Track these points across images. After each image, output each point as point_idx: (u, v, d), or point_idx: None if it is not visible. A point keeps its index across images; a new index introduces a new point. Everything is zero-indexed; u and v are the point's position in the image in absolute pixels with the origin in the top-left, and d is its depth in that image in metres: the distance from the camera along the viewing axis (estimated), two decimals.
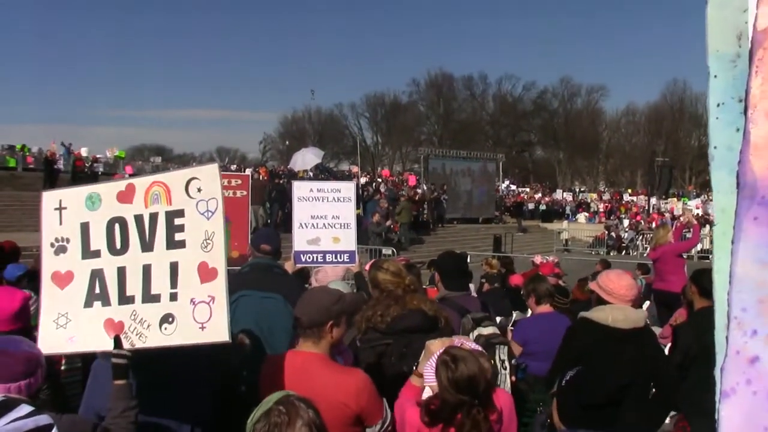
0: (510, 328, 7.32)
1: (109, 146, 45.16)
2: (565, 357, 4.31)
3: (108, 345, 3.12)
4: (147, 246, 3.16)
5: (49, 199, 3.44)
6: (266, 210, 23.82)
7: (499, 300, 9.14)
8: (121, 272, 3.22)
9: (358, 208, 17.49)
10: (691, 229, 11.65)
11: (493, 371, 3.34)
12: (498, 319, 8.22)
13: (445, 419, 3.06)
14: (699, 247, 25.48)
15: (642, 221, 39.14)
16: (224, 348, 3.19)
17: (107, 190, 3.32)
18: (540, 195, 48.80)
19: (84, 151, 38.20)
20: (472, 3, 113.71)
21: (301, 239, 6.23)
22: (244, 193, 7.28)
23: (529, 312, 6.65)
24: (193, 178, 3.06)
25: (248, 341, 3.92)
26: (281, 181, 27.31)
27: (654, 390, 4.16)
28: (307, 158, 29.07)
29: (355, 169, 42.55)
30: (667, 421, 5.75)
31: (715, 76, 1.18)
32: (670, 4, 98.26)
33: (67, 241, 3.35)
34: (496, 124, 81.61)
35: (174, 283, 3.07)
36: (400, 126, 79.89)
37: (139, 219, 3.19)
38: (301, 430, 2.24)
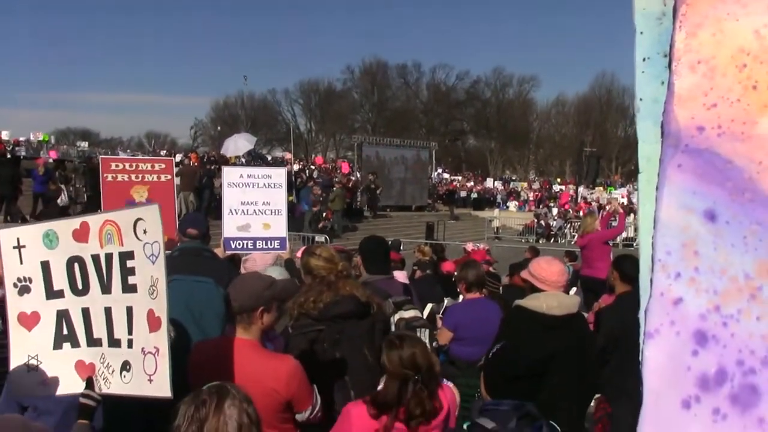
0: (439, 315, 7.43)
1: (33, 129, 43.68)
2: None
3: (80, 387, 3.05)
4: (106, 288, 3.04)
5: (6, 237, 3.28)
6: (197, 196, 23.43)
7: (431, 287, 9.25)
8: (86, 313, 3.12)
9: (290, 194, 17.38)
10: (617, 218, 12.01)
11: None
12: (429, 305, 8.32)
13: (389, 404, 3.11)
14: (624, 234, 26.29)
15: (570, 210, 40.09)
16: None
17: (63, 227, 3.17)
18: (472, 183, 49.44)
19: (5, 135, 36.76)
20: None
21: (230, 225, 6.16)
22: (169, 177, 7.18)
23: (461, 298, 6.73)
24: (139, 219, 2.91)
25: (172, 329, 3.84)
26: (212, 167, 26.87)
27: (582, 373, 4.28)
28: (239, 144, 28.68)
29: (288, 155, 42.20)
30: (591, 403, 5.92)
31: (642, 33, 1.22)
32: None
33: (30, 281, 3.22)
34: (429, 112, 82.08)
35: (130, 329, 2.97)
36: (334, 113, 79.55)
37: (96, 259, 3.06)
38: (230, 409, 2.19)
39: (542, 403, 3.57)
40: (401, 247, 14.38)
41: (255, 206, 6.18)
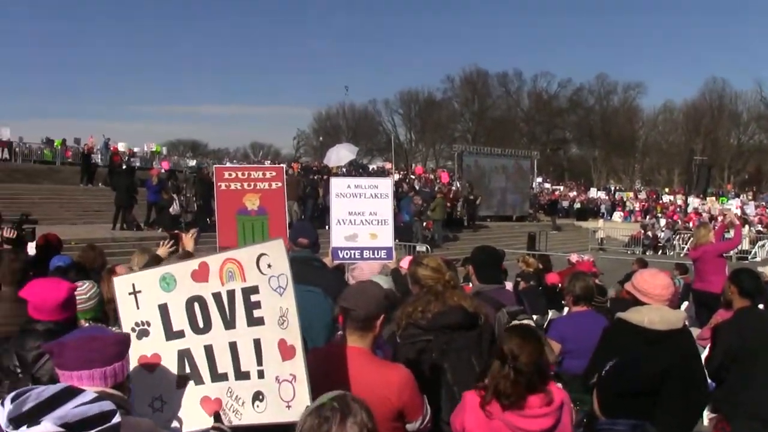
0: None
1: (145, 141, 45.90)
2: (602, 357, 4.29)
3: (208, 423, 3.16)
4: (229, 324, 3.15)
5: (121, 284, 3.42)
6: (300, 205, 23.95)
7: (535, 298, 9.10)
8: (209, 350, 3.22)
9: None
10: (733, 230, 11.47)
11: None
12: (534, 317, 8.19)
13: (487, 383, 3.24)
14: (739, 247, 25.05)
15: (679, 221, 38.56)
16: None
17: (180, 270, 3.29)
18: (575, 193, 48.39)
19: (121, 146, 38.70)
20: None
21: (338, 235, 6.28)
22: (279, 184, 7.19)
23: (566, 310, 6.60)
24: (263, 254, 3.01)
25: None
26: (315, 177, 27.40)
27: (688, 389, 4.13)
28: (341, 154, 29.04)
29: (389, 165, 42.44)
30: (707, 423, 5.69)
31: None
32: (709, 1, 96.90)
33: (148, 324, 3.33)
34: (530, 121, 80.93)
35: (260, 360, 3.07)
36: (433, 123, 79.64)
37: (217, 297, 3.17)
38: (352, 428, 2.23)
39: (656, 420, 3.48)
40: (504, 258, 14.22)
41: (362, 216, 6.28)
